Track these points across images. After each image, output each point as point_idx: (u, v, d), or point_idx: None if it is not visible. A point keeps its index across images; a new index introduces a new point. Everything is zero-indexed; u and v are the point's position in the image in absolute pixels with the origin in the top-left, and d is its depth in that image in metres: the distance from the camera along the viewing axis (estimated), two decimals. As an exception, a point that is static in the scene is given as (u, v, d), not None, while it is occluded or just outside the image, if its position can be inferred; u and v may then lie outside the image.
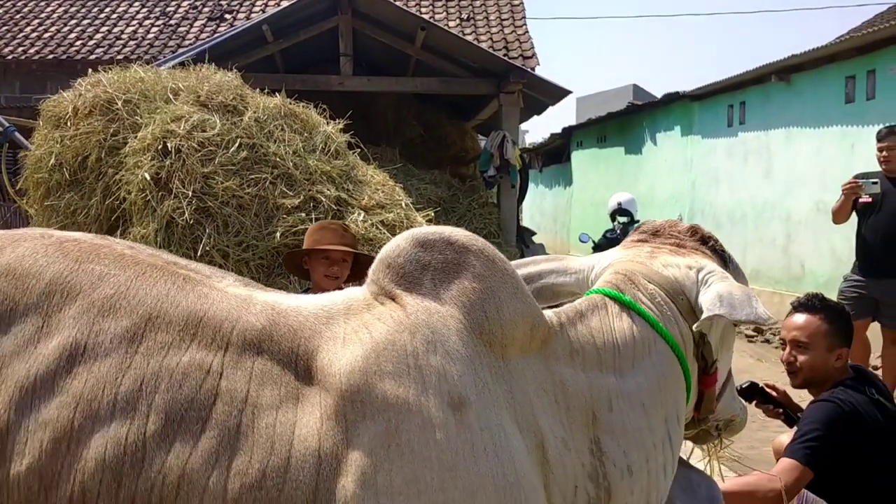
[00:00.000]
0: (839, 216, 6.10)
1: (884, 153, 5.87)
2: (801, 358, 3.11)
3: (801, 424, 2.98)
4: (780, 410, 3.38)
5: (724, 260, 2.14)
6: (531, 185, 18.11)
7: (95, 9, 16.42)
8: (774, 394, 3.39)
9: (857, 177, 5.98)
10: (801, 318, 3.16)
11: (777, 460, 3.29)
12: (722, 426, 2.25)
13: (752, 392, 3.39)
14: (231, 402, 1.40)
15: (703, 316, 1.88)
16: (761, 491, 2.85)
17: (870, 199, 5.80)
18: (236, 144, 5.90)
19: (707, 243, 2.14)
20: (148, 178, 5.60)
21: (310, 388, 1.44)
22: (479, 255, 1.69)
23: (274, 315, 1.52)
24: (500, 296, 1.66)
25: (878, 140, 5.96)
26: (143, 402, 1.37)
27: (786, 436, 3.38)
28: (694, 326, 1.92)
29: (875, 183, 5.76)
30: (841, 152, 8.87)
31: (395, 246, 1.69)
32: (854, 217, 6.06)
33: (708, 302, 1.88)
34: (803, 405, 3.45)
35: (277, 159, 5.98)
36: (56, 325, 1.41)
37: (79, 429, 1.36)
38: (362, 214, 6.15)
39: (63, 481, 1.34)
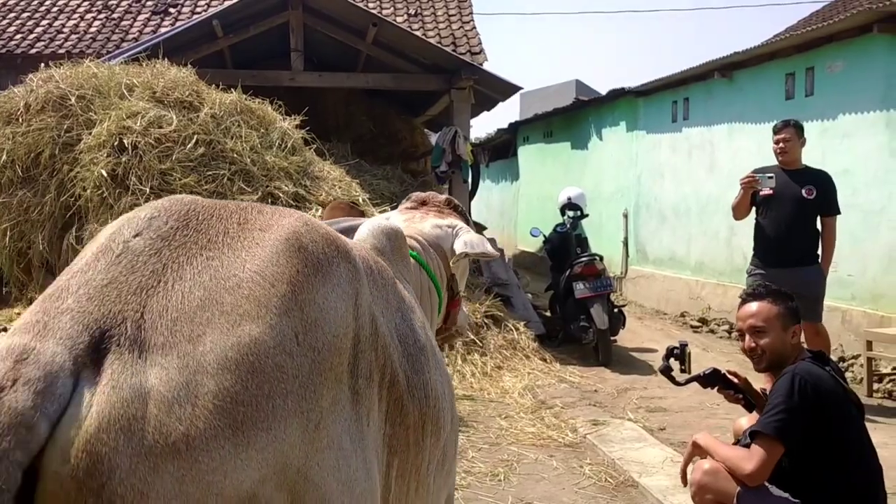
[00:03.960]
0: (739, 211, 6.34)
1: (780, 145, 6.14)
2: (761, 342, 3.27)
3: (770, 398, 3.12)
4: (741, 396, 3.52)
5: (468, 220, 2.97)
6: (478, 180, 18.23)
7: (35, 1, 16.06)
8: (736, 380, 3.53)
9: (754, 171, 6.21)
10: (752, 306, 3.35)
11: (736, 440, 3.46)
12: (458, 331, 3.08)
13: (715, 378, 3.52)
14: (426, 328, 2.04)
15: (456, 254, 2.73)
16: (732, 463, 3.08)
17: (771, 192, 6.04)
18: (193, 141, 5.91)
19: (458, 209, 2.97)
20: (105, 174, 5.59)
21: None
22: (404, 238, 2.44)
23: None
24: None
25: (775, 133, 6.23)
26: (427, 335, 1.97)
27: (745, 419, 3.53)
28: (451, 262, 2.74)
29: (771, 177, 6.02)
30: (782, 147, 9.15)
31: (376, 237, 2.22)
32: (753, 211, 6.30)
33: (458, 246, 2.73)
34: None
35: (235, 155, 6.01)
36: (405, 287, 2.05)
37: (433, 348, 1.98)
38: (320, 210, 6.20)
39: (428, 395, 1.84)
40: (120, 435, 1.11)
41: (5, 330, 9.39)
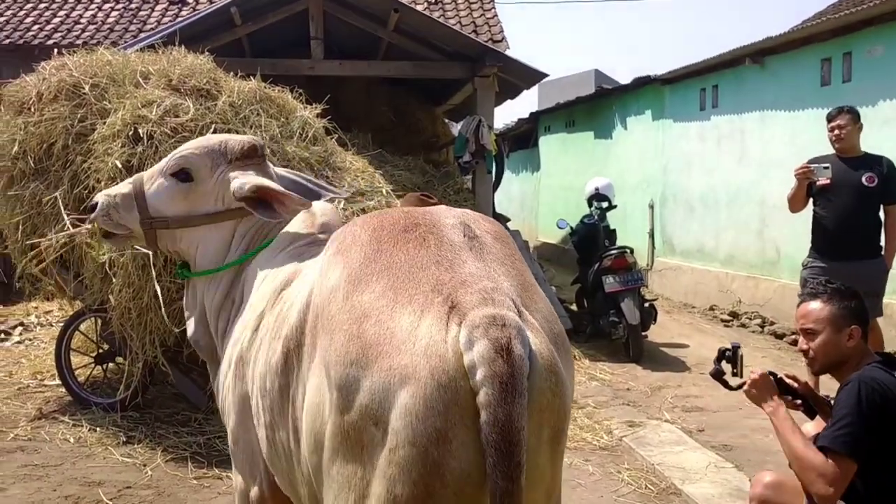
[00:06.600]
0: (795, 203, 6.06)
1: (836, 132, 5.85)
2: (812, 344, 3.09)
3: (835, 409, 2.88)
4: (799, 402, 3.27)
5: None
6: (499, 171, 17.89)
7: (52, -9, 15.92)
8: (795, 385, 3.26)
9: (809, 161, 5.93)
10: (805, 306, 3.17)
11: None
12: None
13: None
14: None
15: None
16: (811, 476, 2.80)
17: (828, 181, 5.75)
18: (211, 130, 5.66)
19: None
20: (119, 165, 5.35)
21: None
22: None
23: None
24: None
25: (829, 120, 5.95)
26: None
27: (810, 424, 3.27)
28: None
29: (826, 167, 5.73)
30: (817, 136, 8.78)
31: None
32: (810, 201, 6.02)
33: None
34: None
35: (254, 145, 5.76)
36: None
37: None
38: (342, 203, 5.96)
39: None
40: (554, 357, 1.73)
41: (22, 324, 9.26)
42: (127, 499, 4.50)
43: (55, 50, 6.56)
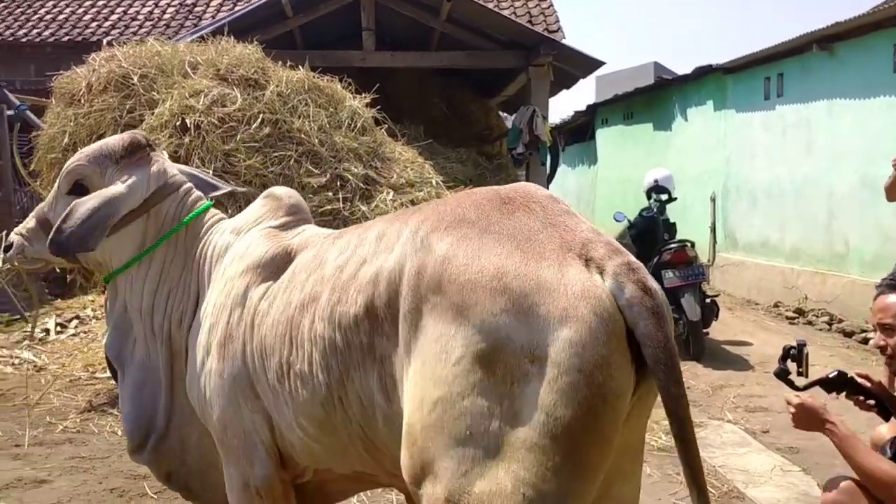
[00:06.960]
0: (893, 193, 5.69)
1: None
2: (891, 341, 2.85)
3: None
4: (873, 403, 3.01)
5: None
6: (555, 164, 17.58)
7: (110, -11, 16.12)
8: (868, 384, 3.01)
9: None
10: (884, 299, 2.93)
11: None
12: None
13: (842, 383, 3.02)
14: None
15: None
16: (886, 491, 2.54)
17: None
18: (259, 120, 5.61)
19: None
20: (166, 156, 5.29)
21: None
22: None
23: None
24: None
25: None
26: None
27: (885, 427, 3.02)
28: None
29: None
30: (890, 124, 8.43)
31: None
32: None
33: None
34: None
35: (302, 136, 5.69)
36: None
37: None
38: (391, 193, 5.84)
39: None
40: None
41: (78, 317, 9.35)
42: (171, 492, 4.42)
43: (104, 42, 6.53)
